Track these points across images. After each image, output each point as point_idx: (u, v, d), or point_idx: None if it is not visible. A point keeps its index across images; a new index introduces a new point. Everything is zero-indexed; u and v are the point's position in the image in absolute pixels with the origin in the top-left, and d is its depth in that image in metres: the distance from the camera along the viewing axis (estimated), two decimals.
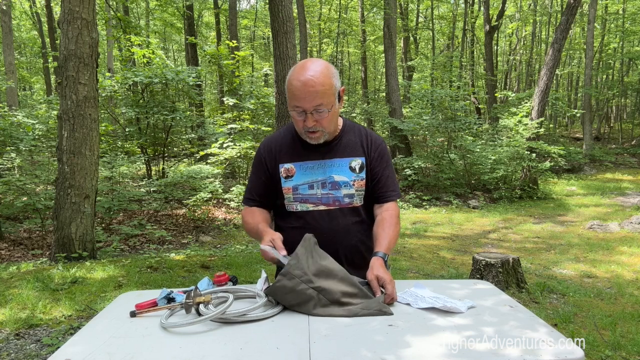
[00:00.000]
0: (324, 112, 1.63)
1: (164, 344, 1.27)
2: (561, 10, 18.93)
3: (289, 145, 1.81)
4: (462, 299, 1.53)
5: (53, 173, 7.80)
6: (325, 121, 1.65)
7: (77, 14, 5.06)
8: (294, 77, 1.61)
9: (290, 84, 1.62)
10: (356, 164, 1.78)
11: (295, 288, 1.43)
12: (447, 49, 25.56)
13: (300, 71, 1.61)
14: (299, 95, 1.59)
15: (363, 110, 18.00)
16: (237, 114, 10.45)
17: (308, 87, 1.58)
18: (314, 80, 1.58)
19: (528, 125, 11.49)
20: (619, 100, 24.06)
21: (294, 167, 1.78)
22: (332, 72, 1.64)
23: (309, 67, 1.61)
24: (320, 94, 1.59)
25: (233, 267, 5.23)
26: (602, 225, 8.01)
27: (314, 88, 1.58)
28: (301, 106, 1.61)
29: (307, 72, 1.59)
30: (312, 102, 1.59)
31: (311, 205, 1.78)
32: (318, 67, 1.61)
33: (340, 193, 1.76)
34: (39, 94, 25.30)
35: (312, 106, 1.60)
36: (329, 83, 1.61)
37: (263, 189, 1.85)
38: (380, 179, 1.80)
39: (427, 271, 5.47)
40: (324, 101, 1.60)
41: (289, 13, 6.70)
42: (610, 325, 3.70)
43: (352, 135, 1.83)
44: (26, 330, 3.37)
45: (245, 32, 26.79)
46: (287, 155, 1.80)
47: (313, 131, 1.67)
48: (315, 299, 1.44)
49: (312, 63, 1.64)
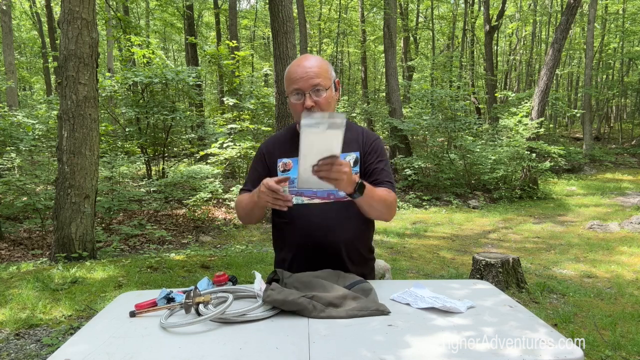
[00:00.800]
0: (322, 92, 1.70)
1: (163, 344, 1.27)
2: (561, 10, 18.94)
3: (289, 142, 1.86)
4: (461, 299, 1.53)
5: (53, 173, 7.81)
6: (323, 101, 1.71)
7: (77, 14, 5.07)
8: (292, 65, 1.74)
9: (289, 72, 1.74)
10: (350, 158, 1.80)
11: (286, 299, 1.43)
12: (447, 49, 25.57)
13: (297, 61, 1.74)
14: (297, 77, 1.69)
15: (363, 110, 18.00)
16: (237, 114, 10.46)
17: (305, 68, 1.69)
18: (310, 63, 1.71)
19: (528, 125, 11.49)
20: (619, 100, 24.06)
21: (291, 162, 1.82)
22: (327, 63, 1.77)
23: (306, 57, 1.75)
24: (317, 74, 1.69)
25: (233, 267, 5.23)
26: (602, 225, 8.01)
27: (311, 69, 1.69)
28: (299, 87, 1.69)
29: (304, 61, 1.73)
30: (309, 82, 1.68)
31: (306, 199, 1.79)
32: (314, 57, 1.75)
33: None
34: (39, 94, 25.30)
35: (310, 85, 1.68)
36: (325, 67, 1.73)
37: (259, 180, 1.86)
38: (374, 171, 1.81)
39: (427, 271, 5.47)
40: (321, 81, 1.69)
41: (289, 13, 6.71)
42: (610, 325, 3.70)
43: (349, 132, 1.84)
44: (26, 330, 3.37)
45: (245, 32, 26.79)
46: (285, 151, 1.84)
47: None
48: (310, 307, 1.43)
49: (309, 55, 1.78)
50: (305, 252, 1.79)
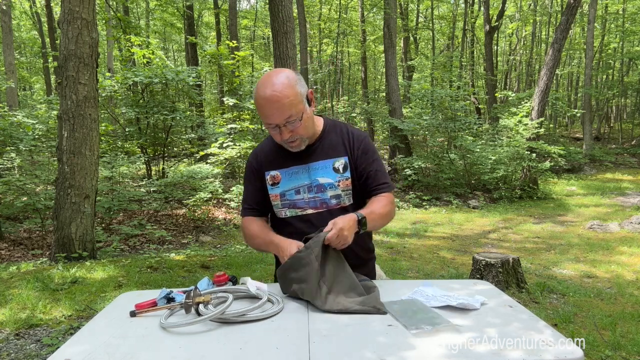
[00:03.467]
0: (296, 122, 1.64)
1: (163, 343, 1.27)
2: (561, 10, 18.93)
3: (273, 153, 1.83)
4: (472, 296, 1.54)
5: (53, 173, 7.80)
6: (301, 129, 1.67)
7: (77, 14, 5.06)
8: (259, 96, 1.61)
9: (257, 103, 1.63)
10: (339, 164, 1.78)
11: (304, 258, 1.54)
12: (447, 49, 25.56)
13: (263, 88, 1.61)
14: (267, 113, 1.62)
15: (363, 110, 17.99)
16: (237, 114, 10.46)
17: (273, 102, 1.59)
18: (277, 95, 1.58)
19: (528, 125, 11.49)
20: (619, 100, 24.06)
21: (279, 174, 1.81)
22: (294, 80, 1.63)
23: (270, 82, 1.60)
24: (287, 106, 1.59)
25: (233, 267, 5.23)
26: (602, 225, 8.01)
27: (279, 102, 1.58)
28: (272, 122, 1.64)
29: (269, 88, 1.59)
30: (281, 117, 1.61)
31: (299, 210, 1.79)
32: (278, 80, 1.61)
33: (327, 195, 1.77)
34: (39, 94, 25.29)
35: (282, 120, 1.62)
36: (292, 93, 1.60)
37: (260, 196, 1.87)
38: (369, 175, 1.80)
39: (427, 271, 5.46)
40: (293, 112, 1.61)
41: (289, 13, 6.71)
42: (610, 325, 3.70)
43: (334, 135, 1.83)
44: (26, 330, 3.37)
45: (245, 32, 26.78)
46: (272, 163, 1.83)
47: (292, 141, 1.70)
48: (315, 281, 1.50)
49: (273, 77, 1.62)
50: None
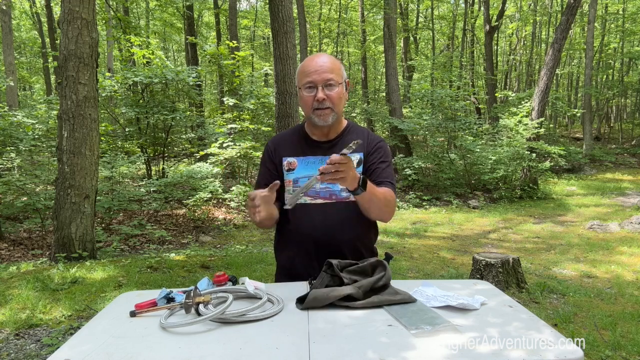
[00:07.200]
0: (334, 87, 1.73)
1: (163, 344, 1.27)
2: (561, 10, 18.94)
3: (294, 141, 1.89)
4: (472, 296, 1.54)
5: (53, 173, 7.80)
6: (335, 96, 1.74)
7: (77, 14, 5.06)
8: (306, 60, 1.78)
9: (302, 66, 1.79)
10: (355, 159, 1.81)
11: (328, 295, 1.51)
12: (447, 49, 25.57)
13: (311, 57, 1.78)
14: (311, 71, 1.73)
15: (363, 110, 17.99)
16: (237, 114, 10.46)
17: (320, 63, 1.74)
18: (324, 58, 1.76)
19: (528, 125, 11.49)
20: (619, 100, 24.06)
21: (296, 161, 1.84)
22: (341, 63, 1.83)
23: (320, 54, 1.80)
24: (330, 70, 1.73)
25: (233, 267, 5.23)
26: (602, 225, 8.01)
27: (324, 64, 1.74)
28: (312, 80, 1.72)
29: (318, 57, 1.78)
30: (322, 76, 1.72)
31: (309, 198, 1.81)
32: (328, 55, 1.81)
33: (338, 187, 1.79)
34: (39, 94, 25.28)
35: (322, 79, 1.72)
36: (338, 65, 1.78)
37: (271, 178, 1.87)
38: (375, 170, 1.82)
39: (427, 271, 5.46)
40: (334, 76, 1.73)
41: (289, 13, 6.71)
42: (610, 325, 3.70)
43: (355, 135, 1.87)
44: (26, 330, 3.37)
45: (245, 32, 26.77)
46: (291, 149, 1.87)
47: (322, 107, 1.74)
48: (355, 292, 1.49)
49: (323, 53, 1.84)
50: (307, 251, 1.80)
